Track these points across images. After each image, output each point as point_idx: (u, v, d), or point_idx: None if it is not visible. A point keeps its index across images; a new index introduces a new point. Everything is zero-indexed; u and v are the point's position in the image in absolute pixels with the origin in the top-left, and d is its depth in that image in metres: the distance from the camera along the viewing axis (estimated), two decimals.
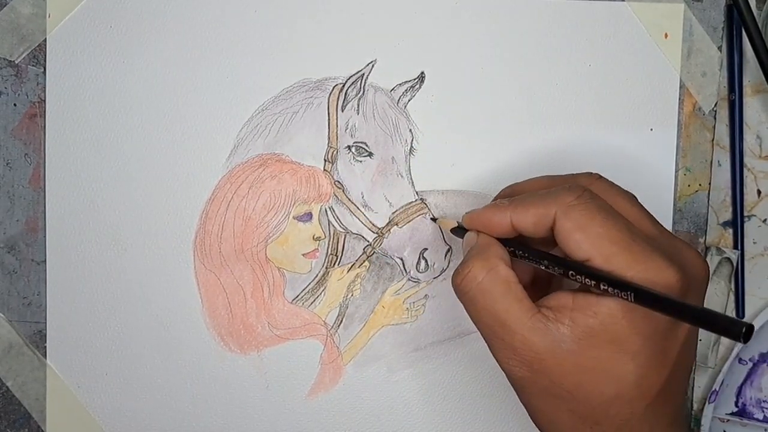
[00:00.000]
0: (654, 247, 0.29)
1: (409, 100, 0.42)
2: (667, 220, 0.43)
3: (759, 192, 0.46)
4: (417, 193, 0.42)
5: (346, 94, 0.42)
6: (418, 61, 0.42)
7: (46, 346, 0.42)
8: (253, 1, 0.41)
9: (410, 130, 0.42)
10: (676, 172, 0.43)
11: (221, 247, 0.42)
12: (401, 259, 0.42)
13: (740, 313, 0.46)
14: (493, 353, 0.32)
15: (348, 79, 0.42)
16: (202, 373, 0.43)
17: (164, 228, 0.42)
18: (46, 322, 0.42)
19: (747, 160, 0.45)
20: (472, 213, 0.34)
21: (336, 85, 0.42)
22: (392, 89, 0.42)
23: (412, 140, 0.42)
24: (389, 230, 0.42)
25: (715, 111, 0.43)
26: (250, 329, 0.42)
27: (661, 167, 0.43)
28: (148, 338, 0.42)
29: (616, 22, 0.42)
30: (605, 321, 0.29)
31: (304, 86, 0.42)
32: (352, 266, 0.43)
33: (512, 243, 0.33)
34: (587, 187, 0.31)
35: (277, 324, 0.43)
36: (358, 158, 0.42)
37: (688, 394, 0.44)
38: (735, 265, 0.45)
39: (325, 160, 0.42)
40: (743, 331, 0.25)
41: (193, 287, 0.42)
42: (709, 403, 0.45)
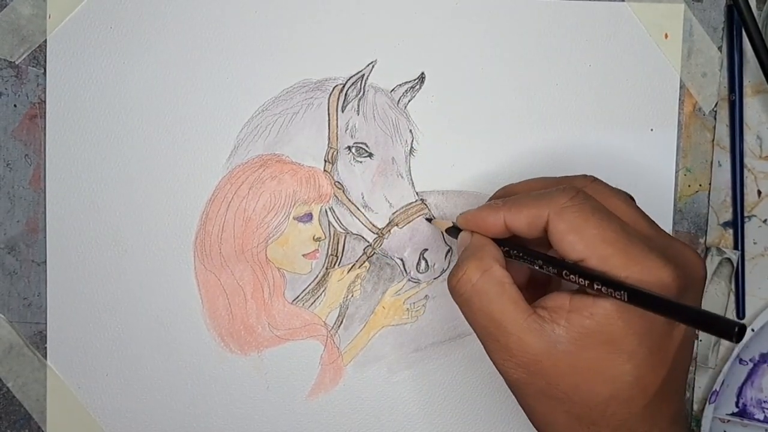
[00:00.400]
0: (650, 247, 0.29)
1: (409, 101, 0.42)
2: (667, 221, 0.43)
3: (759, 192, 0.46)
4: (417, 193, 0.42)
5: (346, 94, 0.42)
6: (418, 61, 0.42)
7: (46, 347, 0.42)
8: (254, 2, 0.41)
9: (410, 131, 0.42)
10: (676, 172, 0.43)
11: (221, 248, 0.42)
12: (401, 260, 0.42)
13: (741, 314, 0.46)
14: (489, 355, 0.32)
15: (348, 79, 0.42)
16: (202, 374, 0.43)
17: (164, 229, 0.42)
18: (46, 323, 0.42)
19: (747, 160, 0.45)
20: (467, 213, 0.34)
21: (336, 85, 0.42)
22: (392, 90, 0.42)
23: (413, 141, 0.42)
24: (389, 231, 0.42)
25: (716, 111, 0.43)
26: (250, 330, 0.42)
27: (661, 168, 0.43)
28: (148, 339, 0.42)
29: (616, 22, 0.42)
30: (601, 322, 0.29)
31: (304, 87, 0.42)
32: (352, 267, 0.43)
33: (507, 243, 0.33)
34: (582, 189, 0.31)
35: (277, 325, 0.43)
36: (359, 159, 0.42)
37: (687, 394, 0.44)
38: (735, 265, 0.44)
39: (325, 161, 0.42)
40: (736, 330, 0.25)
41: (194, 288, 0.42)
42: (709, 403, 0.45)
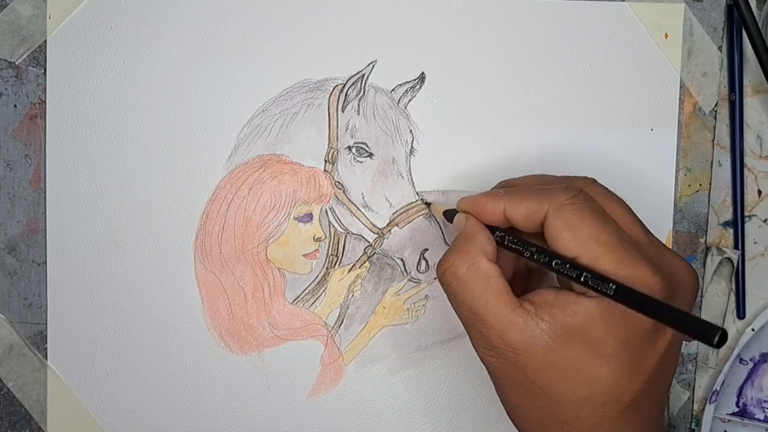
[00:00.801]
0: (641, 254, 0.29)
1: (409, 101, 0.42)
2: (667, 221, 0.43)
3: (759, 192, 0.46)
4: (417, 193, 0.42)
5: (346, 94, 0.42)
6: (419, 61, 0.42)
7: (46, 347, 0.42)
8: (254, 3, 0.41)
9: (410, 131, 0.42)
10: (676, 172, 0.43)
11: (222, 248, 0.42)
12: (402, 260, 0.42)
13: (741, 313, 0.46)
14: (472, 342, 0.32)
15: (348, 79, 0.42)
16: (202, 374, 0.43)
17: (165, 229, 0.42)
18: (46, 323, 0.42)
19: (747, 160, 0.45)
20: (468, 197, 0.34)
21: (336, 85, 0.42)
22: (392, 90, 0.42)
23: (413, 141, 0.42)
24: (390, 231, 0.42)
25: (716, 111, 0.43)
26: (250, 330, 0.42)
27: (661, 167, 0.43)
28: (148, 339, 0.42)
29: (616, 22, 0.42)
30: (583, 321, 0.29)
31: (304, 87, 0.42)
32: (352, 267, 0.43)
33: (501, 229, 0.33)
34: (583, 190, 0.31)
35: (277, 325, 0.43)
36: (359, 159, 0.42)
37: (688, 394, 0.44)
38: (735, 265, 0.44)
39: (325, 161, 0.42)
40: (717, 336, 0.25)
41: (194, 288, 0.42)
42: (709, 403, 0.45)
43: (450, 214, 0.37)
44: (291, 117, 0.42)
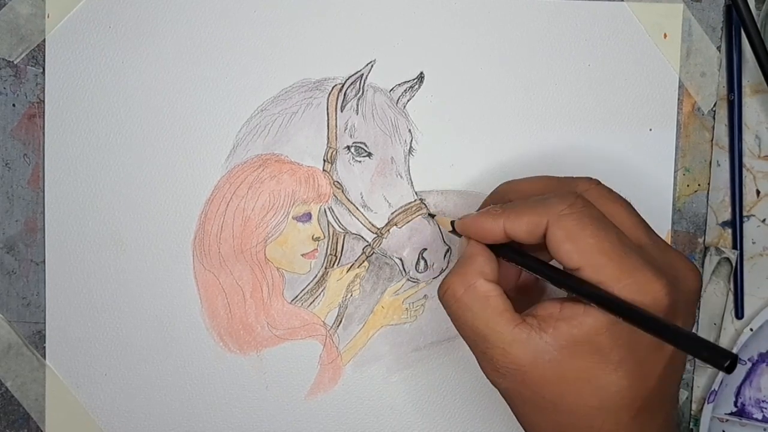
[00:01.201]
0: (645, 260, 0.29)
1: (408, 100, 0.42)
2: (666, 221, 0.43)
3: (758, 192, 0.46)
4: (416, 193, 0.42)
5: (345, 94, 0.42)
6: (417, 61, 0.42)
7: (45, 347, 0.42)
8: (253, 2, 0.41)
9: (409, 130, 0.42)
10: (675, 172, 0.43)
11: (220, 248, 0.42)
12: (400, 260, 0.42)
13: (739, 313, 0.46)
14: (478, 363, 0.32)
15: (347, 79, 0.42)
16: (201, 374, 0.43)
17: (163, 228, 0.42)
18: (45, 323, 0.42)
19: (746, 160, 0.45)
20: (465, 219, 0.33)
21: (335, 85, 0.42)
22: (391, 89, 0.42)
23: (412, 140, 0.42)
24: (388, 230, 0.42)
25: (714, 111, 0.43)
26: (249, 329, 0.42)
27: (660, 167, 0.43)
28: (147, 338, 0.42)
29: (616, 22, 0.42)
30: (589, 332, 0.29)
31: (303, 86, 0.42)
32: (351, 266, 0.43)
33: (503, 247, 0.33)
34: (582, 194, 0.31)
35: (276, 324, 0.43)
36: (358, 158, 0.42)
37: (686, 394, 0.44)
38: (734, 265, 0.45)
39: (324, 161, 0.42)
40: (727, 363, 0.24)
41: (193, 287, 0.42)
42: (708, 402, 0.45)
43: (456, 231, 0.36)
44: (290, 116, 0.42)
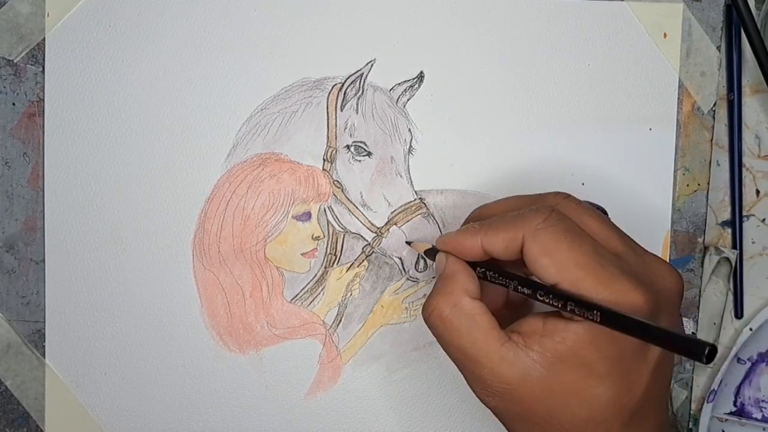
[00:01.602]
0: (621, 270, 0.29)
1: (408, 100, 0.42)
2: (665, 220, 0.43)
3: (758, 192, 0.46)
4: (416, 192, 0.42)
5: (345, 93, 0.42)
6: (417, 60, 0.42)
7: (45, 346, 0.42)
8: (253, 1, 0.41)
9: (409, 130, 0.42)
10: (674, 171, 0.43)
11: (220, 247, 0.42)
12: (400, 259, 0.42)
13: (739, 313, 0.46)
14: (467, 383, 0.32)
15: (347, 78, 0.42)
16: (200, 373, 0.43)
17: (163, 227, 0.42)
18: (45, 322, 0.42)
19: (746, 159, 0.45)
20: (445, 237, 0.34)
21: (335, 84, 0.42)
22: (391, 89, 0.42)
23: (411, 140, 0.42)
24: (388, 230, 0.42)
25: (714, 111, 0.43)
26: (249, 329, 0.42)
27: (659, 167, 0.43)
28: (147, 337, 0.42)
29: (616, 21, 0.42)
30: (573, 346, 0.29)
31: (303, 86, 0.42)
32: (351, 266, 0.43)
33: (482, 265, 0.33)
34: (555, 208, 0.31)
35: (276, 323, 0.43)
36: (357, 158, 0.42)
37: (686, 394, 0.44)
38: (734, 264, 0.45)
39: (324, 160, 0.42)
40: (706, 351, 0.25)
41: (192, 286, 0.42)
42: (707, 402, 0.45)
43: (431, 253, 0.36)
44: (290, 116, 0.42)
